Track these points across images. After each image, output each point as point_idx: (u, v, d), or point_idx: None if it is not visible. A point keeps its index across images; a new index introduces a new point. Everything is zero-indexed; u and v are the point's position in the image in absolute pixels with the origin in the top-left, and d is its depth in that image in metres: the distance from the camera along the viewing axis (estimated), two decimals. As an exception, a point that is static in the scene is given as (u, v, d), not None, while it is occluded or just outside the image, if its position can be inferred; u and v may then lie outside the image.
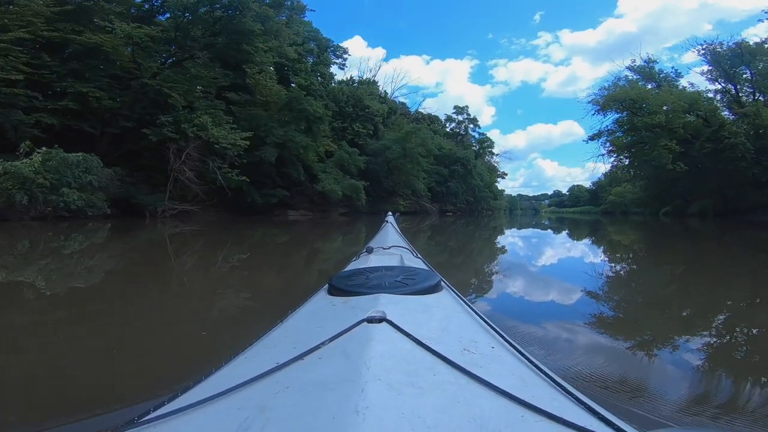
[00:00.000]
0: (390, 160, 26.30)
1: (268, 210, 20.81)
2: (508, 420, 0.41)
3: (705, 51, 22.12)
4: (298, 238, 9.15)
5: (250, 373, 0.50)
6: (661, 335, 2.11)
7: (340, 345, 0.55)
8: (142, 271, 4.44)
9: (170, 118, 14.43)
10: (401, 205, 28.97)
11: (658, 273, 4.76)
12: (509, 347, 0.64)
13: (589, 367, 1.58)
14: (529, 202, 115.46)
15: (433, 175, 33.22)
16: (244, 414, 0.41)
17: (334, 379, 0.46)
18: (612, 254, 6.98)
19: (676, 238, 10.39)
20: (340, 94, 27.18)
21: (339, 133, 25.24)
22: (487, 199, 47.10)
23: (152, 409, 0.46)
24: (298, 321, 0.78)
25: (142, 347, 1.87)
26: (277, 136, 17.63)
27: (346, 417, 0.38)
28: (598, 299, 3.12)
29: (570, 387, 0.51)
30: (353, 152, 23.02)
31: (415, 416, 0.39)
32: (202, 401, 0.45)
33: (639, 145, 23.00)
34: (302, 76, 23.81)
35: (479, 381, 0.48)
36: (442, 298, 0.87)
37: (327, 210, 23.57)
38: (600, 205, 67.22)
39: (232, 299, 3.04)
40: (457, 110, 47.79)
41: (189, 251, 6.24)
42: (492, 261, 5.84)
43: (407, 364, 0.50)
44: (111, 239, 7.88)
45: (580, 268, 4.95)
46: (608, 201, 58.45)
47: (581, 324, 2.24)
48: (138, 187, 15.92)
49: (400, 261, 1.41)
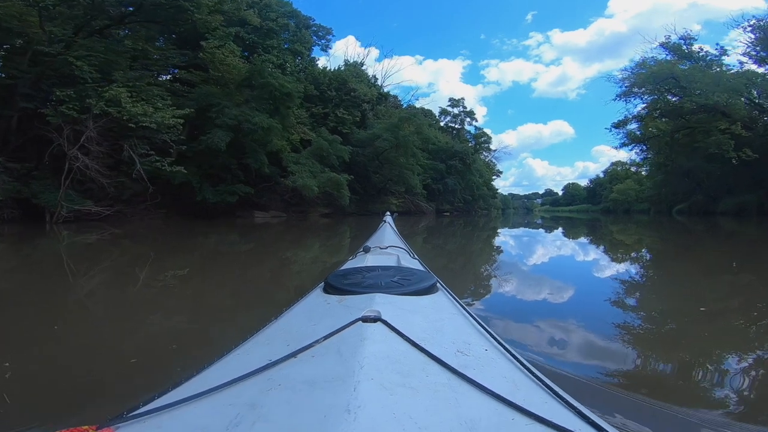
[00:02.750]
0: (380, 152, 22.47)
1: (230, 211, 16.96)
2: (498, 423, 0.42)
3: (754, 28, 18.78)
4: (264, 246, 7.39)
5: (242, 369, 0.50)
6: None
7: (334, 343, 0.55)
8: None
9: (72, 92, 10.49)
10: (394, 205, 25.28)
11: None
12: (502, 350, 0.64)
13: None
14: (521, 201, 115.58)
15: (429, 171, 29.54)
16: (235, 411, 0.41)
17: (327, 377, 0.46)
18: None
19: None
20: (321, 76, 23.37)
21: (319, 120, 21.41)
22: (485, 197, 43.80)
23: (142, 404, 0.46)
24: (293, 318, 0.77)
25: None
26: (229, 116, 13.83)
27: (337, 415, 0.38)
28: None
29: (561, 391, 0.51)
30: (334, 140, 19.16)
31: (407, 416, 0.39)
32: (193, 397, 0.45)
33: (685, 130, 19.48)
34: (274, 53, 20.02)
35: (471, 383, 0.48)
36: (438, 299, 0.86)
37: (305, 210, 19.76)
38: (599, 204, 65.02)
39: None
40: (452, 103, 44.15)
41: (87, 269, 4.20)
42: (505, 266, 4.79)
43: (400, 364, 0.50)
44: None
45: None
46: (610, 199, 56.02)
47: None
48: (45, 183, 11.97)
49: (397, 261, 1.41)
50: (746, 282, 3.61)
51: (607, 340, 1.87)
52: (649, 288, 3.50)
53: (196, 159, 15.25)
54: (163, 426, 0.41)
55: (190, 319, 2.39)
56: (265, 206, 18.06)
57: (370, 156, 22.48)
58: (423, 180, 27.63)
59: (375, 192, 24.35)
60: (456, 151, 32.15)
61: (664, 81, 19.40)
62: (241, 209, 17.32)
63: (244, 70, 15.66)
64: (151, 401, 0.47)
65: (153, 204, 15.96)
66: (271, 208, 18.27)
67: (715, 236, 9.61)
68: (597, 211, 54.65)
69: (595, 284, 3.53)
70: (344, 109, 22.36)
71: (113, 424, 0.41)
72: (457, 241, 8.43)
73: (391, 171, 23.09)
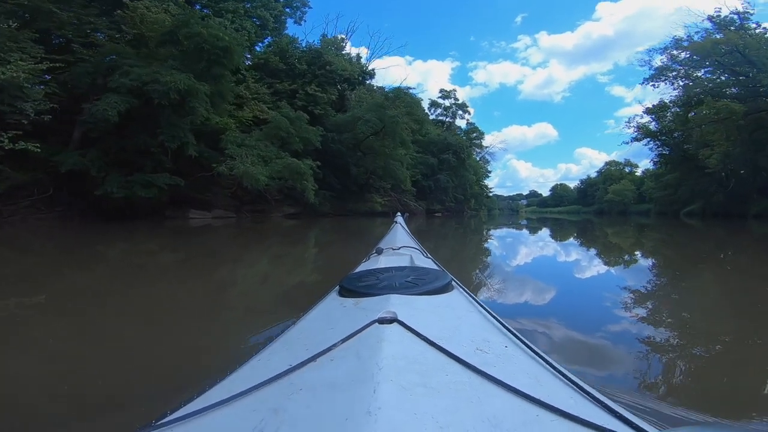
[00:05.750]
0: (362, 139, 18.37)
1: (159, 210, 12.68)
2: (522, 419, 0.41)
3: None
4: (193, 259, 5.05)
5: (264, 375, 0.51)
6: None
7: (352, 346, 0.55)
8: None
9: None
10: (378, 203, 21.26)
11: None
12: (523, 346, 0.63)
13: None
14: (506, 202, 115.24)
15: (419, 166, 25.62)
16: (259, 416, 0.42)
17: (346, 380, 0.46)
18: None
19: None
20: (290, 48, 19.17)
21: (287, 99, 17.17)
22: (478, 196, 40.28)
23: (169, 412, 0.47)
24: (310, 323, 0.77)
25: None
26: (132, 77, 9.64)
27: (358, 418, 0.38)
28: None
29: (586, 385, 0.50)
30: (299, 117, 14.84)
31: (428, 416, 0.39)
32: (218, 404, 0.46)
33: (754, 115, 15.83)
34: (227, 17, 15.75)
35: (492, 380, 0.47)
36: (454, 297, 0.85)
37: (265, 210, 15.57)
38: (591, 205, 62.59)
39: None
40: (443, 94, 40.45)
41: None
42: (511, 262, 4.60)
43: (419, 364, 0.50)
44: None
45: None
46: (605, 200, 53.46)
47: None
48: None
49: (410, 261, 1.39)
50: None
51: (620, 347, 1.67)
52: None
53: (100, 140, 10.95)
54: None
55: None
56: (209, 204, 13.81)
57: (349, 143, 18.33)
58: (412, 176, 23.68)
59: (356, 188, 20.27)
60: (449, 144, 28.32)
61: (729, 55, 15.74)
62: (174, 208, 13.05)
63: (168, 23, 11.39)
64: (178, 409, 0.47)
65: (42, 199, 11.58)
66: (216, 206, 14.01)
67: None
68: (589, 213, 52.44)
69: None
70: (317, 86, 18.18)
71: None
72: (466, 250, 6.69)
73: (375, 162, 18.98)
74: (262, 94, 16.08)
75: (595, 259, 5.29)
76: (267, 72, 18.29)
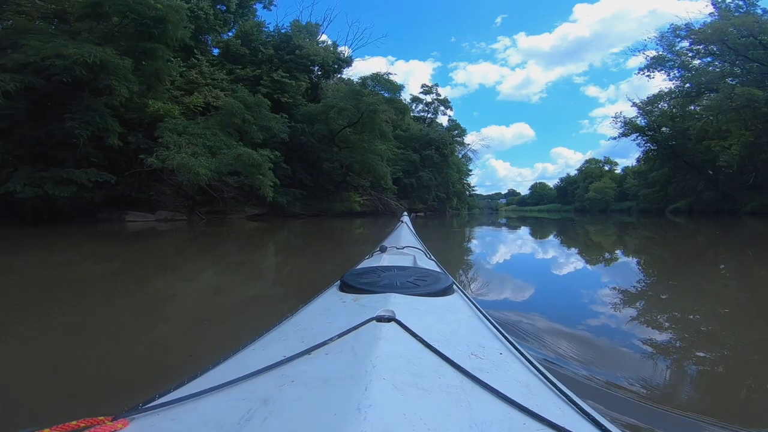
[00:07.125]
0: (336, 131, 16.57)
1: (92, 212, 10.57)
2: (510, 427, 0.41)
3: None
4: (120, 276, 3.81)
5: (257, 364, 0.50)
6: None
7: (348, 342, 0.55)
8: None
9: None
10: (356, 203, 19.50)
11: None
12: (517, 354, 0.63)
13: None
14: (485, 201, 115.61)
15: (400, 163, 24.02)
16: (248, 405, 0.41)
17: (339, 375, 0.46)
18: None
19: None
20: (254, 30, 17.16)
21: (250, 86, 15.17)
22: (460, 194, 39.04)
23: (157, 396, 0.46)
24: (308, 315, 0.76)
25: None
26: (31, 51, 7.64)
27: (347, 414, 0.38)
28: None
29: (576, 397, 0.51)
30: (259, 102, 12.93)
31: (417, 417, 0.39)
32: (208, 390, 0.45)
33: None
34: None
35: (484, 386, 0.48)
36: (454, 301, 0.84)
37: (223, 211, 13.58)
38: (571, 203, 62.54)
39: None
40: (425, 89, 38.95)
41: None
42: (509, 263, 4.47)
43: (413, 365, 0.50)
44: None
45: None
46: (586, 198, 53.29)
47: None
48: None
49: (413, 261, 1.38)
50: None
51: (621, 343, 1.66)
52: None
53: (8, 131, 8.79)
54: (177, 418, 0.41)
55: None
56: (154, 204, 11.74)
57: (322, 136, 16.49)
58: (393, 174, 22.04)
59: (331, 186, 18.44)
60: (432, 139, 26.83)
61: (742, 39, 14.64)
62: (111, 210, 10.95)
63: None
64: (166, 393, 0.47)
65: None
66: (164, 207, 11.95)
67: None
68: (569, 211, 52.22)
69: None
70: (285, 71, 16.24)
71: (128, 415, 0.42)
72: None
73: (352, 156, 17.18)
74: (219, 80, 14.06)
75: (588, 260, 4.93)
76: (228, 58, 16.26)
